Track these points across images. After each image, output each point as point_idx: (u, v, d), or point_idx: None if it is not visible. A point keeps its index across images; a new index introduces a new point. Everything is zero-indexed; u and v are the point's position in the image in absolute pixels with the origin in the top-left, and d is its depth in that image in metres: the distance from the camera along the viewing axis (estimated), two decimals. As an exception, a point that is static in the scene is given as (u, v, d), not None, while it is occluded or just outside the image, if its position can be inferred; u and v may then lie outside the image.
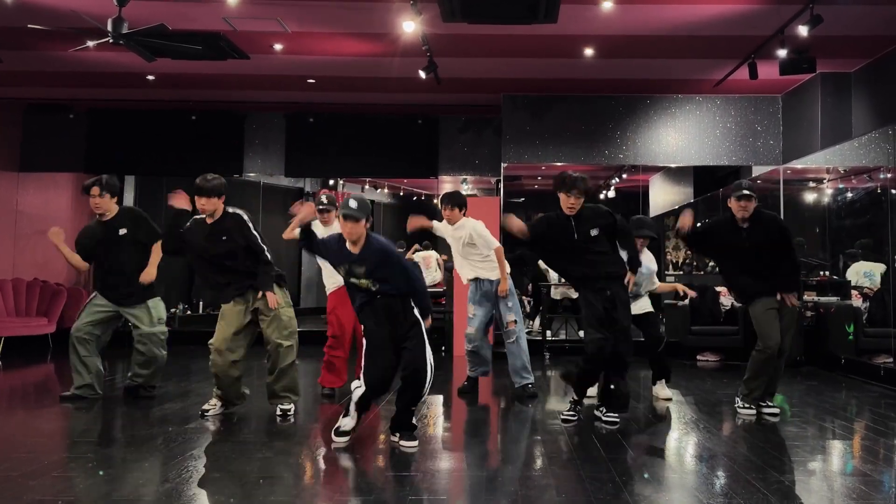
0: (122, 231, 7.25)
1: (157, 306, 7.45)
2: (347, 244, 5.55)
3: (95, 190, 7.19)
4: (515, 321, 7.74)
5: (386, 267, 5.53)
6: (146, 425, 6.22)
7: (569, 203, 6.20)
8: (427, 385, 5.51)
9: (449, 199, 7.71)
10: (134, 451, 5.41)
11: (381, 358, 5.54)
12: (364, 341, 5.73)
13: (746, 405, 6.74)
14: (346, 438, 5.57)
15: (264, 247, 6.47)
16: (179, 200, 6.63)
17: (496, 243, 7.68)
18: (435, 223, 7.86)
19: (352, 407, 5.65)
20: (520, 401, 7.51)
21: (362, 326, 5.73)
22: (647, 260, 7.53)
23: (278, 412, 6.55)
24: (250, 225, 6.46)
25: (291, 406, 6.63)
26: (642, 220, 7.63)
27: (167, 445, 5.45)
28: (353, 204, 5.43)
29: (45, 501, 4.07)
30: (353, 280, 5.55)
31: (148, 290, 7.34)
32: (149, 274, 7.27)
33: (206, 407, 6.55)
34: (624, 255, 6.43)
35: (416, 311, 5.61)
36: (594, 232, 6.22)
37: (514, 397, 7.68)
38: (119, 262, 7.21)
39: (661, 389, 7.67)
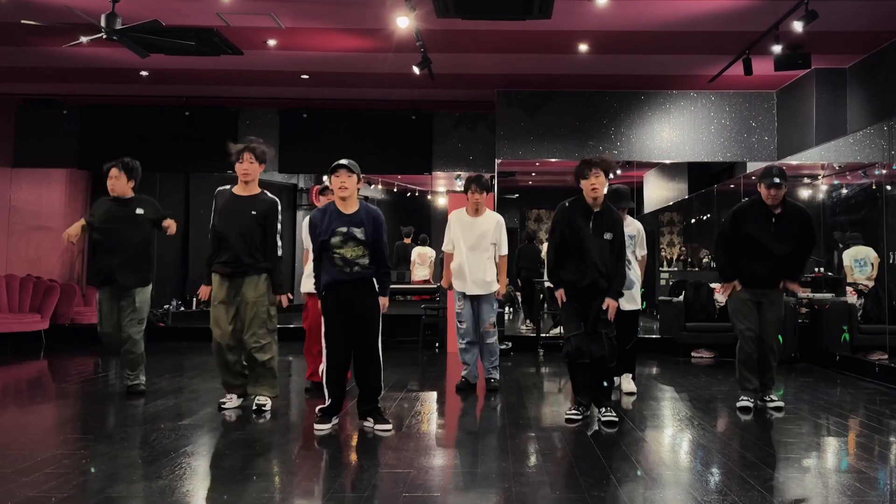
0: (140, 210, 7.33)
1: (145, 295, 7.43)
2: (339, 206, 5.66)
3: (115, 171, 7.27)
4: (493, 324, 7.79)
5: (376, 233, 5.70)
6: (139, 422, 6.19)
7: (591, 185, 6.10)
8: (381, 362, 5.86)
9: (479, 182, 7.67)
10: (127, 447, 5.38)
11: (340, 340, 5.75)
12: (323, 321, 5.83)
13: (744, 398, 6.80)
14: (327, 425, 5.74)
15: (279, 245, 6.62)
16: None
17: (507, 249, 7.79)
18: (451, 217, 7.89)
19: (326, 391, 5.88)
20: (486, 391, 7.73)
21: (321, 305, 5.84)
22: (629, 227, 7.44)
23: (260, 405, 6.58)
24: (279, 217, 6.67)
25: (268, 401, 6.65)
26: (619, 192, 7.56)
27: (160, 442, 5.43)
28: (343, 161, 5.69)
29: (38, 498, 4.05)
30: (339, 250, 5.62)
31: (147, 273, 7.37)
32: (171, 223, 7.40)
33: (222, 400, 6.67)
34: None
35: (377, 294, 5.83)
36: (607, 236, 6.16)
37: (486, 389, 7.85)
38: (129, 237, 7.24)
39: (626, 383, 7.66)
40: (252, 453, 5.19)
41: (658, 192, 14.57)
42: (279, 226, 6.63)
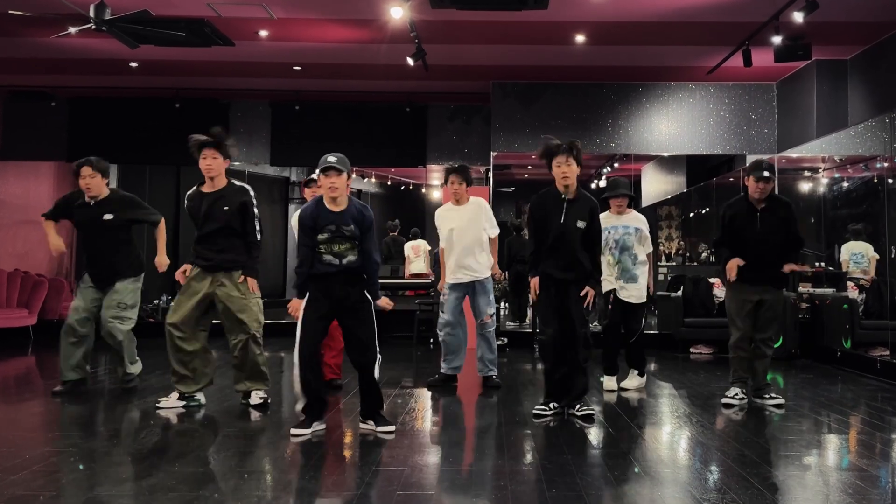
0: (107, 216, 7.09)
1: (125, 284, 7.23)
2: (327, 205, 5.54)
3: (87, 170, 7.04)
4: (492, 315, 7.72)
5: (365, 229, 5.59)
6: (129, 419, 6.14)
7: (562, 173, 6.10)
8: (377, 366, 5.61)
9: (460, 172, 7.62)
10: (117, 445, 5.35)
11: (315, 332, 5.56)
12: (301, 316, 5.63)
13: (733, 391, 6.87)
14: (306, 430, 5.55)
15: (259, 230, 6.48)
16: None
17: (497, 229, 7.74)
18: (437, 213, 7.83)
19: (302, 393, 5.66)
20: (486, 389, 7.63)
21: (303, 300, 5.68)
22: (631, 219, 7.47)
23: (258, 401, 6.49)
24: (255, 205, 6.50)
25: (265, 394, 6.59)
26: (617, 181, 7.59)
27: (150, 439, 5.41)
28: (332, 158, 5.50)
29: (26, 496, 4.02)
30: (326, 247, 5.52)
31: (133, 268, 7.22)
32: (161, 262, 7.17)
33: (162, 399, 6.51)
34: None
35: (365, 293, 5.67)
36: (581, 224, 6.10)
37: (483, 385, 7.77)
38: (97, 247, 7.09)
39: (631, 380, 7.63)
40: (244, 451, 5.15)
41: (656, 186, 14.52)
42: (255, 210, 6.48)
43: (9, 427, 6.00)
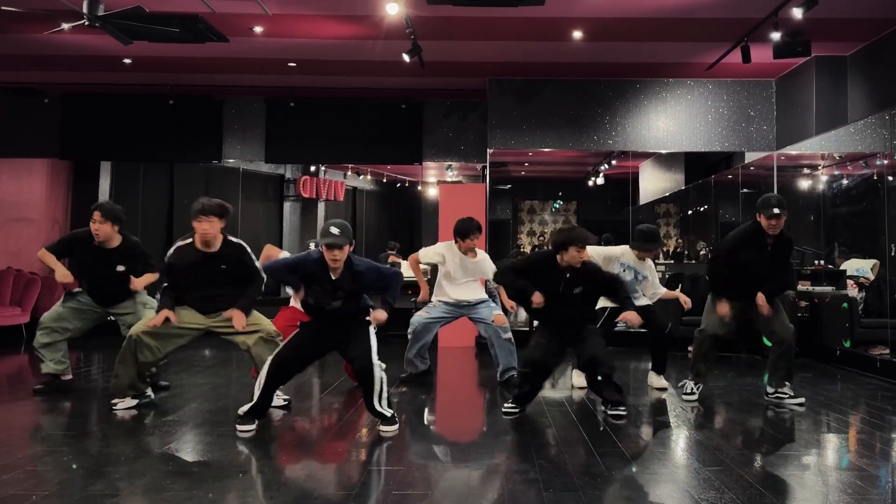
0: (120, 268, 6.95)
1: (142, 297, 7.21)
2: (329, 270, 5.52)
3: (97, 215, 6.84)
4: (501, 315, 7.73)
5: (363, 285, 5.60)
6: (122, 418, 6.10)
7: (573, 258, 6.09)
8: (377, 378, 5.55)
9: (478, 227, 7.70)
10: (110, 444, 5.33)
11: (298, 358, 5.70)
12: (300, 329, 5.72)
13: (692, 389, 7.05)
14: (251, 426, 5.57)
15: (260, 269, 6.34)
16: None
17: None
18: (443, 246, 7.93)
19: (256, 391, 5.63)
20: (507, 389, 7.46)
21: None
22: (645, 267, 7.56)
23: (281, 402, 6.44)
24: (251, 254, 6.38)
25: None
26: (650, 234, 7.55)
27: (144, 439, 5.39)
28: (334, 230, 5.40)
29: (18, 496, 4.03)
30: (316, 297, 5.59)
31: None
32: (137, 284, 7.00)
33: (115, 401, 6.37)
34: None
35: (367, 318, 5.69)
36: (577, 290, 6.17)
37: (502, 386, 7.68)
38: (101, 283, 7.00)
39: (656, 379, 7.64)
40: (238, 450, 5.13)
41: (654, 183, 14.48)
42: (256, 262, 6.36)
43: (1, 427, 5.95)
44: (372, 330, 5.67)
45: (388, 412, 5.60)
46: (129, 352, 6.16)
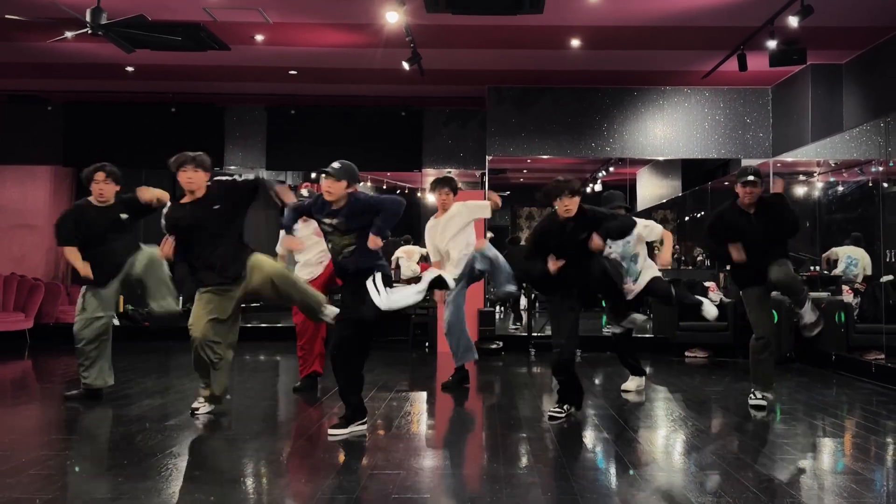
0: (124, 216, 7.05)
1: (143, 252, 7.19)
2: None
3: (101, 175, 6.97)
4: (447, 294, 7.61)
5: (363, 217, 5.61)
6: (125, 422, 6.13)
7: (564, 206, 6.07)
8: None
9: (447, 182, 7.64)
10: (112, 448, 5.37)
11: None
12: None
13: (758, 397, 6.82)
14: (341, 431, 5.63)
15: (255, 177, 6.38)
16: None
17: (484, 202, 7.81)
18: (427, 230, 7.80)
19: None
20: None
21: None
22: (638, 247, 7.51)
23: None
24: (236, 178, 6.37)
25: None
26: (612, 195, 7.73)
27: (146, 443, 5.39)
28: (335, 164, 5.64)
29: (22, 500, 4.03)
30: (328, 237, 5.72)
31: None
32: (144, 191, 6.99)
33: (195, 405, 6.32)
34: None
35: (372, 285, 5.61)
36: (583, 236, 6.13)
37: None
38: (112, 249, 6.97)
39: (630, 381, 7.69)
40: (239, 454, 5.17)
41: (651, 190, 14.55)
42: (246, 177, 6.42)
43: (5, 430, 5.99)
44: (372, 284, 5.58)
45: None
46: (203, 358, 6.14)
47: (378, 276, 5.57)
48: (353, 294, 5.66)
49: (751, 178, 6.56)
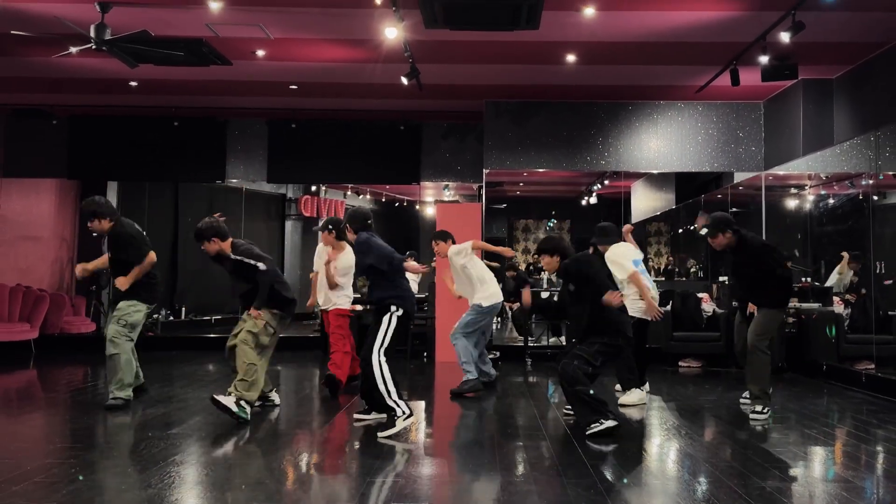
0: (109, 255, 7.42)
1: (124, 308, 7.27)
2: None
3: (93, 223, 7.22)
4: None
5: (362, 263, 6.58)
6: (128, 431, 6.20)
7: (546, 265, 6.61)
8: (376, 373, 6.45)
9: (440, 236, 8.52)
10: (116, 456, 5.41)
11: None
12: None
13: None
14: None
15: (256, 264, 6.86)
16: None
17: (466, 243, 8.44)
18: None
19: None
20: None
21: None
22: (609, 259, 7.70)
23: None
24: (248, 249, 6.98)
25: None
26: (605, 229, 8.10)
27: (149, 451, 5.43)
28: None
29: None
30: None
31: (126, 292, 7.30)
32: (122, 282, 7.16)
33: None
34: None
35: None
36: (571, 288, 6.44)
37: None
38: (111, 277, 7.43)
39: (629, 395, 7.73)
40: (241, 462, 5.22)
41: (645, 203, 14.60)
42: (252, 253, 6.87)
43: (11, 439, 6.06)
44: (386, 323, 6.52)
45: (394, 405, 6.17)
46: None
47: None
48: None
49: (702, 231, 7.08)
